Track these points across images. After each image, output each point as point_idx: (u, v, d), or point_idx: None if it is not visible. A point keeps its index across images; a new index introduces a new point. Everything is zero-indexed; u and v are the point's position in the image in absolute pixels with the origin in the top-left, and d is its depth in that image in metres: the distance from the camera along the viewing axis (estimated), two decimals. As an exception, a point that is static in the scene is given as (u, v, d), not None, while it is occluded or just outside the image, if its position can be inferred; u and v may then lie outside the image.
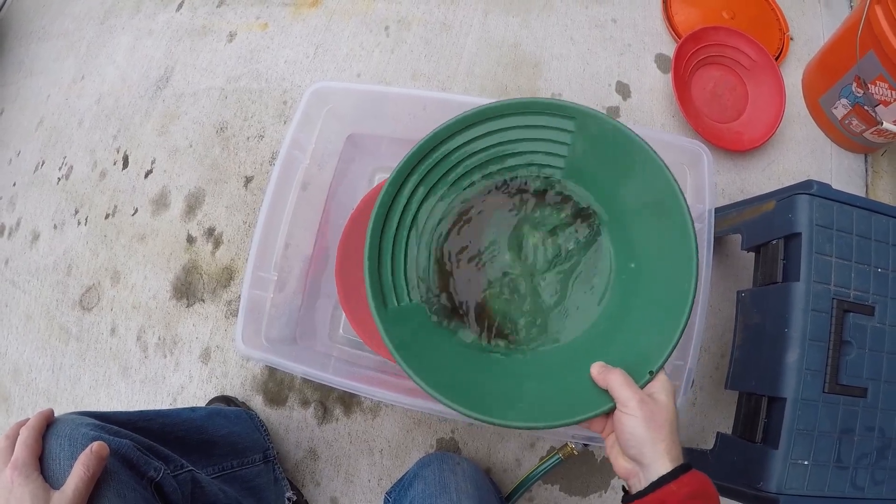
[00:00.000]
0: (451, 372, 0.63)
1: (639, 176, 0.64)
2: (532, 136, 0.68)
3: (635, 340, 0.61)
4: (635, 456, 0.52)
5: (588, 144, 0.66)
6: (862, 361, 0.76)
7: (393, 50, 1.20)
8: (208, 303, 1.09)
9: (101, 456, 0.53)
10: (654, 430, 0.51)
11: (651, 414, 0.52)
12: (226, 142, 1.18)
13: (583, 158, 0.68)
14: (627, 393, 0.54)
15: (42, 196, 1.28)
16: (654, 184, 0.62)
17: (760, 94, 1.16)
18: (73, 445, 0.54)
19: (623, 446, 0.54)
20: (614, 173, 0.66)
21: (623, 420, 0.53)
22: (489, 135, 0.68)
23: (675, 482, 0.49)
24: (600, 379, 0.57)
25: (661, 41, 1.21)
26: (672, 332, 0.57)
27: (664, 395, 0.54)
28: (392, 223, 0.67)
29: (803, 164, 1.14)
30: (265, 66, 1.23)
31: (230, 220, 1.13)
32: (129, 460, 0.59)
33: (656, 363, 0.56)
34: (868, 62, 0.98)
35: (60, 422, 0.57)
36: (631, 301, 0.66)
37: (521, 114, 0.67)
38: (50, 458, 0.54)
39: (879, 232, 0.79)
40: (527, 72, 1.17)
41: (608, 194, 0.69)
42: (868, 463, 0.76)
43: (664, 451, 0.50)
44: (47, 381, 1.14)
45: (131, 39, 1.36)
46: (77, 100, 1.35)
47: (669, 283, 0.60)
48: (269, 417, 1.01)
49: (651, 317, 0.61)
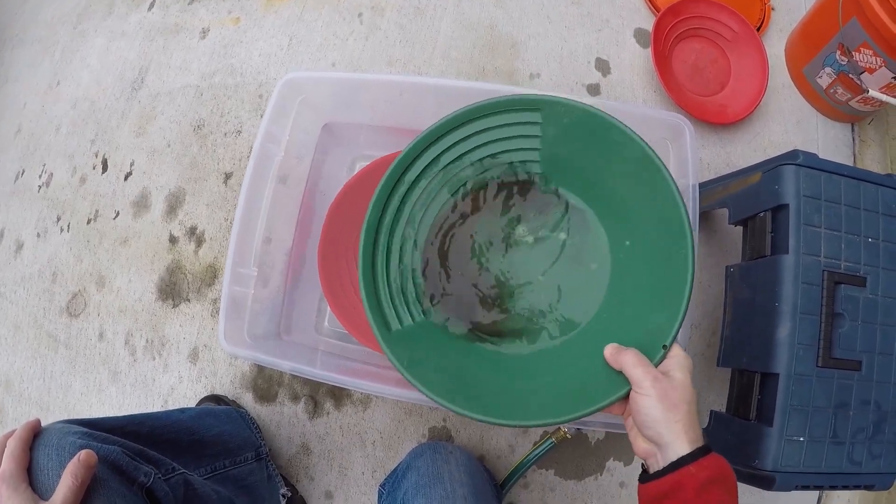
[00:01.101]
0: (465, 380, 0.63)
1: (616, 154, 0.62)
2: (503, 136, 0.67)
3: (644, 317, 0.60)
4: (652, 437, 0.51)
5: (560, 132, 0.65)
6: (855, 334, 0.75)
7: (367, 37, 1.18)
8: (194, 302, 1.08)
9: (90, 464, 0.52)
10: (669, 409, 0.50)
11: (665, 392, 0.51)
12: (203, 139, 1.17)
13: (558, 146, 0.67)
14: (640, 372, 0.52)
15: (24, 205, 1.27)
16: (632, 159, 0.61)
17: (743, 65, 1.14)
18: (60, 455, 0.53)
19: (640, 427, 0.52)
20: (592, 155, 0.65)
21: (637, 400, 0.52)
22: (459, 143, 0.67)
23: (694, 464, 0.48)
24: (614, 361, 0.56)
25: (639, 16, 1.19)
26: (678, 303, 0.56)
27: (680, 373, 0.53)
28: (381, 244, 0.66)
29: (789, 136, 1.13)
30: (239, 60, 1.21)
31: (211, 218, 1.11)
32: (119, 467, 0.58)
33: (668, 336, 0.55)
34: (851, 29, 0.96)
35: (47, 432, 0.56)
36: (633, 278, 0.65)
37: (484, 116, 0.66)
38: (38, 469, 0.53)
39: (869, 201, 0.78)
40: (504, 52, 1.15)
41: (590, 177, 0.67)
42: (865, 437, 0.75)
43: (681, 430, 0.49)
44: (39, 391, 1.13)
45: (104, 41, 1.34)
46: (53, 105, 1.33)
47: (667, 255, 0.59)
48: (260, 414, 1.00)
49: (655, 291, 0.60)
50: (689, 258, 0.56)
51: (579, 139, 0.64)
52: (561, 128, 0.65)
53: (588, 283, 0.68)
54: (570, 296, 0.69)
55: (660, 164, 0.59)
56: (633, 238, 0.65)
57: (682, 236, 0.57)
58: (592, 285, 0.68)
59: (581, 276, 0.69)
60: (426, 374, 0.60)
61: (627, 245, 0.66)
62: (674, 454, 0.49)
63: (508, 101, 0.65)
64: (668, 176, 0.58)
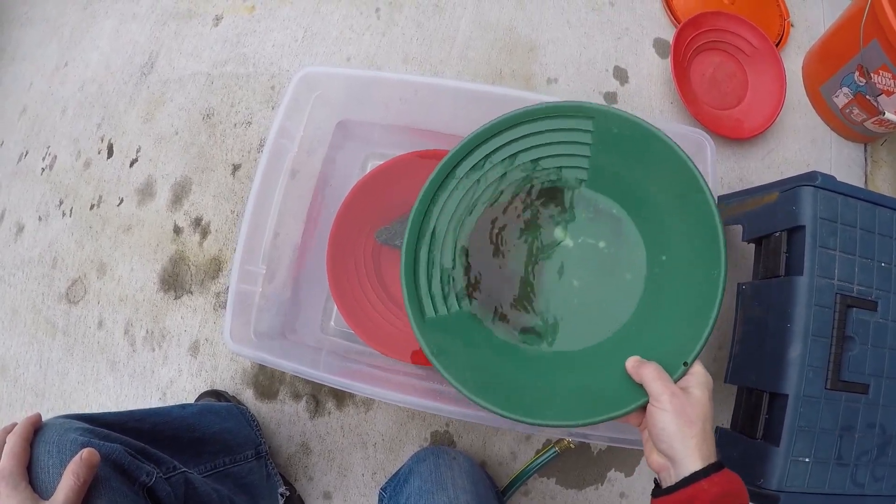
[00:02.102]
0: (489, 373, 0.64)
1: (662, 169, 0.63)
2: (554, 140, 0.68)
3: (670, 333, 0.61)
4: (666, 451, 0.51)
5: (609, 142, 0.66)
6: (864, 357, 0.75)
7: (384, 33, 1.17)
8: (196, 295, 1.07)
9: (92, 463, 0.51)
10: (685, 425, 0.50)
11: (682, 408, 0.51)
12: (212, 129, 1.15)
13: (605, 156, 0.68)
14: (659, 386, 0.53)
15: (26, 187, 1.25)
16: (677, 176, 0.62)
17: (761, 81, 1.13)
18: (61, 453, 0.52)
19: (654, 440, 0.53)
20: (639, 168, 0.66)
21: (654, 414, 0.52)
22: (510, 143, 0.68)
23: (707, 480, 0.48)
24: (635, 373, 0.56)
25: (659, 25, 1.18)
26: (704, 321, 0.57)
27: (699, 391, 0.53)
28: (425, 233, 0.68)
29: (803, 153, 1.12)
30: (252, 50, 1.19)
31: (218, 210, 1.10)
32: (121, 466, 0.57)
33: (690, 354, 0.56)
34: (871, 51, 0.96)
35: (48, 427, 0.55)
36: (664, 293, 0.65)
37: (537, 119, 0.67)
38: (38, 466, 0.52)
39: (883, 225, 0.78)
40: (522, 56, 1.14)
41: (634, 189, 0.68)
42: (868, 460, 0.75)
43: (695, 447, 0.49)
44: (35, 377, 1.11)
45: (115, 24, 1.32)
46: (60, 87, 1.31)
47: (699, 273, 0.60)
48: (261, 411, 0.99)
49: (684, 308, 0.61)
50: (720, 282, 0.57)
51: (627, 150, 0.65)
52: (611, 138, 0.66)
53: (620, 293, 0.69)
54: (601, 304, 0.69)
55: (705, 186, 0.60)
56: (669, 254, 0.66)
57: (717, 260, 0.58)
58: (625, 296, 0.68)
59: (614, 285, 0.69)
60: (452, 364, 0.62)
61: (664, 260, 0.66)
62: (686, 470, 0.49)
63: (563, 108, 0.66)
64: (711, 200, 0.59)
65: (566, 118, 0.66)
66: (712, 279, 0.58)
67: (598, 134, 0.66)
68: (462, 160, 0.68)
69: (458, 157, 0.68)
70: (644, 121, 0.63)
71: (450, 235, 0.70)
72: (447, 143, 0.89)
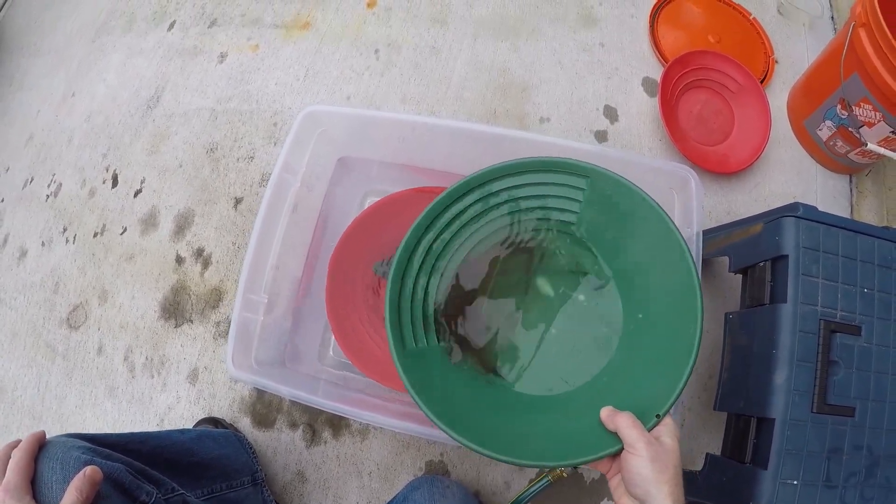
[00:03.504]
0: (467, 410, 0.65)
1: (647, 232, 0.66)
2: (549, 193, 0.71)
3: (643, 385, 0.63)
4: (640, 495, 0.53)
5: (600, 200, 0.69)
6: (850, 381, 0.76)
7: (383, 73, 1.21)
8: (196, 324, 1.08)
9: (95, 480, 0.53)
10: (659, 470, 0.52)
11: (657, 455, 0.53)
12: (216, 163, 1.18)
13: (594, 213, 0.71)
14: (635, 434, 0.54)
15: (30, 213, 1.28)
16: (661, 240, 0.65)
17: (746, 116, 1.17)
18: (64, 469, 0.54)
19: (628, 485, 0.54)
20: (624, 228, 0.69)
21: (630, 460, 0.54)
22: (505, 190, 0.71)
23: None
24: (609, 422, 0.58)
25: (647, 65, 1.23)
26: (678, 378, 0.59)
27: (670, 439, 0.55)
28: (413, 267, 0.69)
29: (789, 186, 1.16)
30: (256, 87, 1.23)
31: (219, 242, 1.12)
32: (122, 484, 0.59)
33: (662, 407, 0.58)
34: (852, 84, 0.99)
35: (52, 445, 0.57)
36: (638, 348, 0.68)
37: (536, 171, 0.70)
38: (42, 482, 0.53)
39: (865, 252, 0.80)
40: (515, 96, 1.19)
41: (617, 248, 0.71)
42: (857, 481, 0.76)
43: (668, 492, 0.51)
44: (32, 399, 1.12)
45: (122, 58, 1.36)
46: (67, 117, 1.35)
47: (675, 331, 0.62)
48: (257, 439, 1.00)
49: (658, 363, 0.63)
50: (695, 341, 0.60)
51: (616, 211, 0.68)
52: (601, 197, 0.69)
53: (596, 344, 0.71)
54: (576, 353, 0.72)
55: (688, 254, 0.62)
56: (646, 311, 0.68)
57: (693, 320, 0.61)
58: (600, 347, 0.71)
59: (591, 337, 0.72)
60: (431, 398, 0.62)
61: (640, 318, 0.69)
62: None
63: (562, 164, 0.69)
64: (692, 267, 0.62)
65: (562, 174, 0.70)
66: (688, 339, 0.60)
67: (590, 192, 0.69)
68: (451, 204, 0.70)
69: (447, 201, 0.70)
70: (634, 185, 0.66)
71: (436, 274, 0.72)
72: (443, 181, 0.92)
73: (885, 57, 0.91)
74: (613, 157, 0.79)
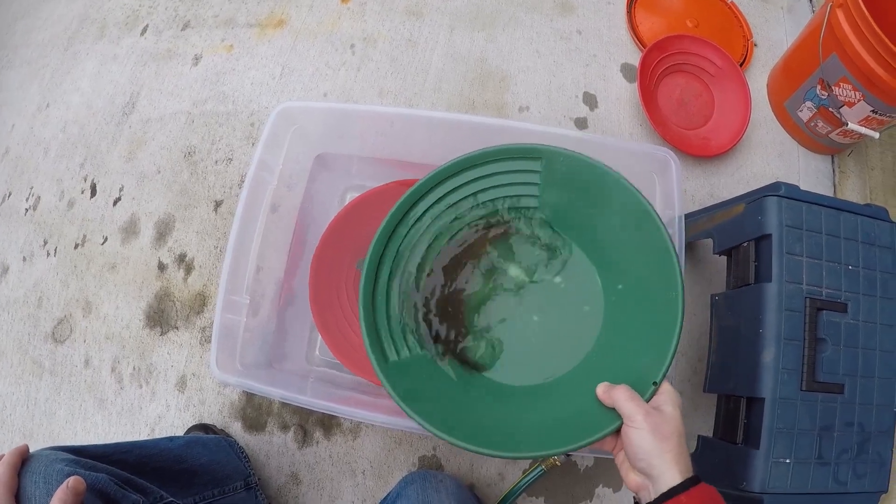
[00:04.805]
0: (459, 412, 0.64)
1: (612, 202, 0.66)
2: (505, 182, 0.70)
3: (635, 357, 0.62)
4: (644, 469, 0.52)
5: (558, 179, 0.69)
6: (837, 358, 0.76)
7: (359, 68, 1.20)
8: (182, 330, 1.07)
9: (78, 491, 0.52)
10: (660, 440, 0.51)
11: (657, 425, 0.52)
12: (194, 166, 1.17)
13: (556, 193, 0.70)
14: (632, 406, 0.54)
15: (10, 228, 1.26)
16: (627, 208, 0.64)
17: (726, 99, 1.17)
18: (48, 483, 0.53)
19: (631, 460, 0.53)
20: (588, 202, 0.68)
21: (630, 433, 0.53)
22: (462, 186, 0.70)
23: (685, 494, 0.49)
24: (606, 397, 0.57)
25: (626, 51, 1.22)
26: (667, 344, 0.58)
27: (670, 407, 0.54)
28: (382, 276, 0.68)
29: (771, 168, 1.16)
30: (231, 88, 1.22)
31: (201, 246, 1.11)
32: (107, 495, 0.58)
33: (658, 374, 0.57)
34: (831, 65, 1.00)
35: (35, 459, 0.56)
36: (624, 320, 0.67)
37: (487, 163, 0.69)
38: (25, 497, 0.53)
39: (848, 230, 0.80)
40: (494, 86, 1.18)
41: (586, 224, 0.70)
42: (849, 458, 0.77)
43: (672, 461, 0.50)
44: (23, 417, 1.11)
45: (96, 65, 1.35)
46: (42, 128, 1.33)
47: (658, 297, 0.62)
48: (249, 443, 0.99)
49: (646, 331, 0.63)
50: (678, 302, 0.59)
51: (577, 187, 0.68)
52: (560, 176, 0.68)
53: (581, 325, 0.70)
54: (562, 337, 0.71)
55: (653, 213, 0.62)
56: (625, 282, 0.68)
57: (673, 282, 0.60)
58: (586, 327, 0.70)
59: (574, 318, 0.71)
60: (422, 405, 0.61)
61: (620, 289, 0.68)
62: (665, 485, 0.50)
63: (511, 150, 0.68)
64: (661, 225, 0.61)
65: (515, 160, 0.69)
66: (671, 300, 0.60)
67: (546, 173, 0.69)
68: (415, 205, 0.70)
69: (410, 202, 0.69)
70: (589, 157, 0.65)
71: (408, 278, 0.71)
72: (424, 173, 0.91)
73: (864, 36, 0.91)
74: (593, 142, 0.78)
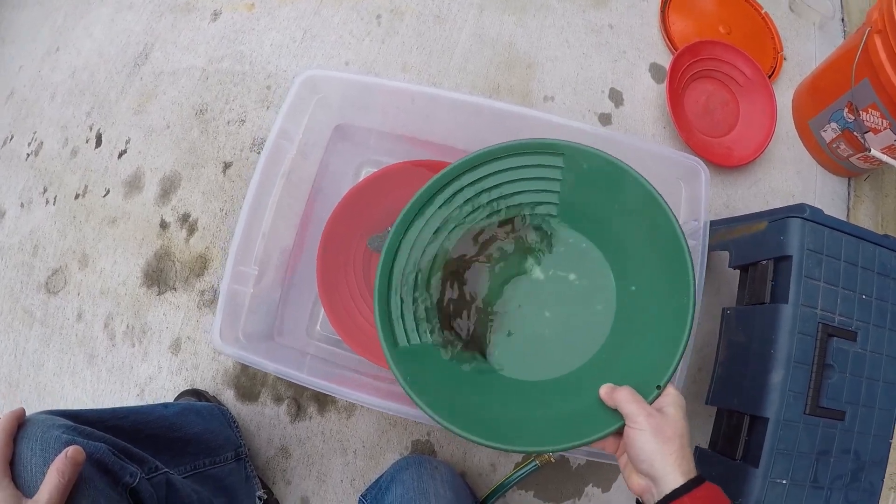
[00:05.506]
0: (463, 401, 0.64)
1: (631, 203, 0.65)
2: (525, 176, 0.70)
3: (641, 359, 0.62)
4: (647, 471, 0.52)
5: (579, 177, 0.68)
6: (842, 385, 0.77)
7: (384, 40, 1.17)
8: (180, 292, 1.05)
9: (77, 461, 0.50)
10: (663, 442, 0.51)
11: (659, 427, 0.52)
12: (205, 125, 1.14)
13: (575, 190, 0.69)
14: (634, 408, 0.53)
15: (9, 172, 1.22)
16: (646, 209, 0.64)
17: (752, 111, 1.16)
18: (45, 450, 0.51)
19: (634, 462, 0.53)
20: (607, 201, 0.68)
21: (632, 435, 0.53)
22: (482, 179, 0.70)
23: (688, 496, 0.49)
24: (608, 399, 0.57)
25: (656, 51, 1.20)
26: (675, 347, 0.58)
27: (673, 409, 0.54)
28: (399, 263, 0.68)
29: (789, 185, 1.15)
30: (249, 48, 1.18)
31: (206, 207, 1.09)
32: (105, 465, 0.57)
33: (663, 378, 0.57)
34: (862, 89, 0.98)
35: (31, 423, 0.54)
36: (634, 321, 0.67)
37: (509, 156, 0.69)
38: (21, 464, 0.51)
39: (866, 259, 0.80)
40: (520, 72, 1.16)
41: (604, 223, 0.70)
42: (843, 484, 0.77)
43: (674, 463, 0.50)
44: (9, 366, 1.08)
45: (110, 12, 1.30)
46: (50, 72, 1.29)
47: (669, 302, 0.62)
48: (241, 413, 0.98)
49: (655, 334, 0.62)
50: (689, 309, 0.59)
51: (596, 185, 0.67)
52: (580, 173, 0.68)
53: (592, 323, 0.70)
54: (572, 334, 0.71)
55: (674, 219, 0.61)
56: (638, 284, 0.67)
57: (685, 289, 0.60)
58: (596, 326, 0.70)
59: (586, 316, 0.71)
60: (426, 391, 0.62)
61: (633, 290, 0.68)
62: (668, 487, 0.50)
63: (533, 144, 0.68)
64: (680, 232, 0.61)
65: (537, 154, 0.68)
66: (682, 307, 0.60)
67: (568, 170, 0.68)
68: (435, 195, 0.69)
69: (431, 191, 0.69)
70: (612, 157, 0.65)
71: (424, 267, 0.71)
72: (442, 154, 0.90)
73: (900, 66, 0.90)
74: (622, 142, 0.77)
